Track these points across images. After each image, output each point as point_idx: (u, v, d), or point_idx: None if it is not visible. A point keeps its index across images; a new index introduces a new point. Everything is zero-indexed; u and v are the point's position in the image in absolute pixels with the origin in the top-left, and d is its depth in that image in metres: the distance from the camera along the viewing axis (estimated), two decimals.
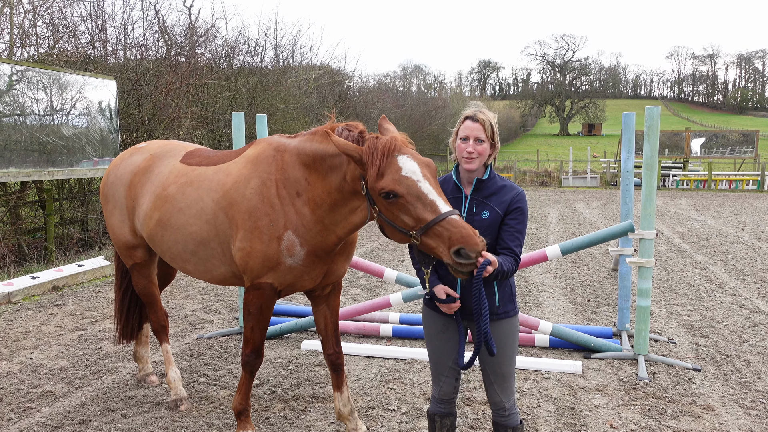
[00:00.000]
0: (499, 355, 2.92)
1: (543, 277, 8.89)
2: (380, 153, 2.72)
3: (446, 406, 3.13)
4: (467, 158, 2.82)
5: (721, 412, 4.28)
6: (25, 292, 7.68)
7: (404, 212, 2.68)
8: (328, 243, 3.31)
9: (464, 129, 2.84)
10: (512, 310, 2.96)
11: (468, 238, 2.50)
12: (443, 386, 3.08)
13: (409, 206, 2.65)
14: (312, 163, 3.24)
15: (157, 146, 4.33)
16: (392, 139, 2.78)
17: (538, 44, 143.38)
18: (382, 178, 2.69)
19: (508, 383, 3.00)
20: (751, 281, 8.50)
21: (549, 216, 16.94)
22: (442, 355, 3.04)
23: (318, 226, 3.26)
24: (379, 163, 2.70)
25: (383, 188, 2.68)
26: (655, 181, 5.10)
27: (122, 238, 4.31)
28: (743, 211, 17.89)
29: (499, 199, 2.86)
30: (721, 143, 31.98)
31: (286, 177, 3.32)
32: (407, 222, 2.68)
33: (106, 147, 10.88)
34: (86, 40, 13.50)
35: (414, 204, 2.64)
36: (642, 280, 5.16)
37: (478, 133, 2.80)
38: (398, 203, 2.68)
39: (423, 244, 2.65)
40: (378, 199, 2.77)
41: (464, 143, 2.83)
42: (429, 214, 2.60)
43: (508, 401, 3.01)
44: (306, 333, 6.07)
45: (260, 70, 18.66)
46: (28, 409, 4.35)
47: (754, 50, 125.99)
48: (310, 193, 3.25)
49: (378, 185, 2.70)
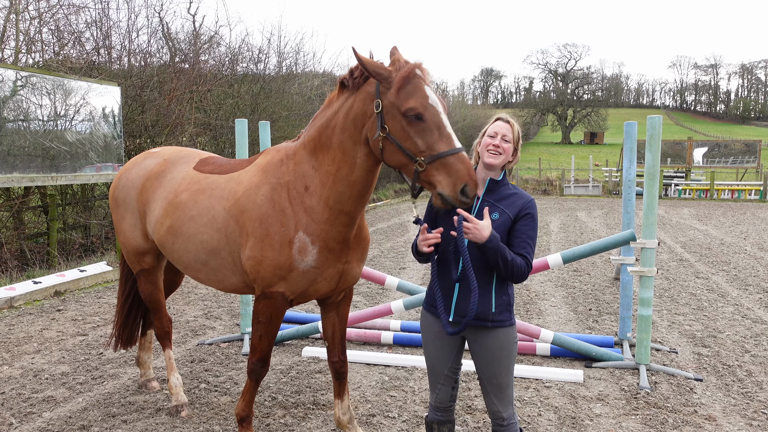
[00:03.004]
0: (495, 366, 2.91)
1: (544, 285, 8.89)
2: (410, 76, 2.79)
3: (443, 414, 3.12)
4: (492, 152, 2.90)
5: (723, 422, 4.27)
6: (27, 297, 7.70)
7: (420, 136, 2.75)
8: (340, 228, 3.26)
9: (494, 127, 2.96)
10: (508, 320, 2.92)
11: (474, 177, 2.65)
12: (439, 394, 3.09)
13: (427, 132, 2.74)
14: (318, 143, 3.25)
15: (171, 152, 4.32)
16: (421, 67, 2.86)
17: (541, 53, 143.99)
18: (410, 97, 2.76)
19: (505, 393, 2.97)
20: (753, 291, 8.48)
21: (551, 224, 16.94)
22: (437, 363, 3.05)
23: (326, 212, 3.23)
24: (409, 85, 2.78)
25: (412, 107, 2.75)
26: (657, 190, 5.11)
27: (133, 243, 4.28)
28: (745, 221, 17.87)
29: (510, 203, 2.89)
30: (724, 153, 31.99)
31: (296, 177, 3.32)
32: (419, 146, 2.75)
33: (110, 153, 10.91)
34: (91, 46, 13.60)
35: (432, 131, 2.74)
36: (643, 290, 5.16)
37: (507, 132, 2.93)
38: (418, 126, 2.76)
39: (426, 172, 2.73)
40: (395, 117, 2.82)
41: (492, 139, 2.93)
42: (444, 145, 2.70)
43: (506, 411, 2.99)
44: (307, 340, 6.07)
45: (263, 77, 18.73)
46: (29, 414, 4.35)
47: (757, 60, 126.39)
48: (317, 178, 3.24)
49: (406, 104, 2.76)
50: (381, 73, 2.85)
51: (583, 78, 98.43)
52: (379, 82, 2.87)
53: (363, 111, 3.00)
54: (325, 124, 3.22)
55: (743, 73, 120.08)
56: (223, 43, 18.36)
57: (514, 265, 2.75)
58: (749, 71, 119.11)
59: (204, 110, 15.24)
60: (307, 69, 22.33)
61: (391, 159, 2.89)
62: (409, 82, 2.79)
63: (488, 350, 2.90)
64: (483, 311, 2.86)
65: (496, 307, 2.88)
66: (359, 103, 3.01)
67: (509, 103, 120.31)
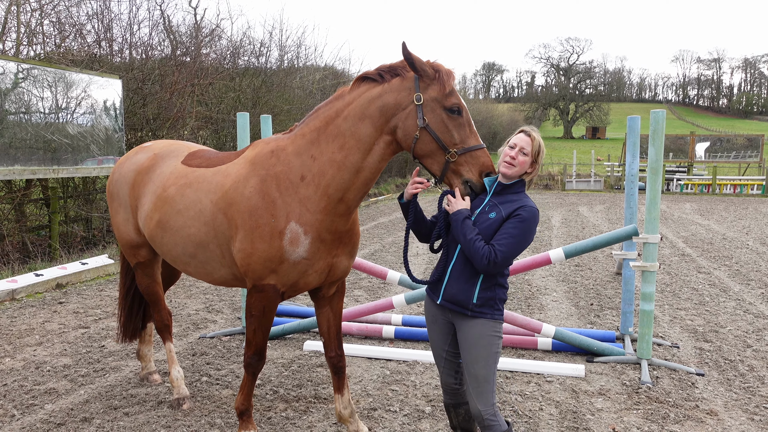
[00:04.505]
0: (472, 354, 2.96)
1: (546, 280, 8.88)
2: (450, 77, 3.09)
3: (452, 396, 3.25)
4: (507, 162, 3.04)
5: (725, 417, 4.26)
6: (29, 290, 7.70)
7: (456, 130, 3.04)
8: (335, 219, 3.30)
9: (515, 138, 3.10)
10: (489, 314, 2.97)
11: (491, 165, 3.06)
12: (442, 375, 3.25)
13: (461, 127, 3.04)
14: (323, 132, 3.27)
15: (162, 146, 4.34)
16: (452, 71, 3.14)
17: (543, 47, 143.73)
18: (452, 95, 3.05)
19: (482, 387, 2.95)
20: (755, 286, 8.47)
21: (552, 219, 16.92)
22: (434, 346, 3.23)
23: (324, 200, 3.25)
24: (451, 85, 3.07)
25: (456, 103, 3.04)
26: (660, 185, 5.09)
27: (126, 237, 4.32)
28: (748, 216, 17.84)
29: (509, 207, 2.97)
30: (726, 147, 31.87)
31: (290, 168, 3.32)
32: (455, 138, 3.03)
33: (111, 146, 10.90)
34: (92, 39, 13.56)
35: (465, 127, 3.05)
36: (645, 284, 5.15)
37: (526, 146, 3.05)
38: (456, 121, 3.04)
39: (456, 162, 3.02)
40: (435, 111, 3.05)
41: (510, 150, 3.07)
42: (473, 140, 3.06)
43: (486, 410, 2.94)
44: (308, 334, 6.08)
45: (265, 70, 18.68)
46: (31, 406, 4.36)
47: (760, 54, 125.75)
48: (316, 167, 3.26)
49: (450, 100, 3.04)
50: (427, 71, 3.07)
51: (586, 72, 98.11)
52: (420, 78, 3.08)
53: (396, 102, 3.12)
54: (335, 113, 3.27)
55: (746, 67, 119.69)
56: (224, 36, 18.33)
57: (473, 247, 2.87)
58: (752, 65, 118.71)
59: (205, 104, 15.21)
60: (308, 63, 22.29)
61: (423, 149, 3.08)
62: (451, 82, 3.09)
63: (467, 337, 2.99)
64: (464, 299, 2.97)
65: (478, 299, 2.95)
66: (392, 94, 3.13)
67: (511, 97, 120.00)
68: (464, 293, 2.96)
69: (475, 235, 2.88)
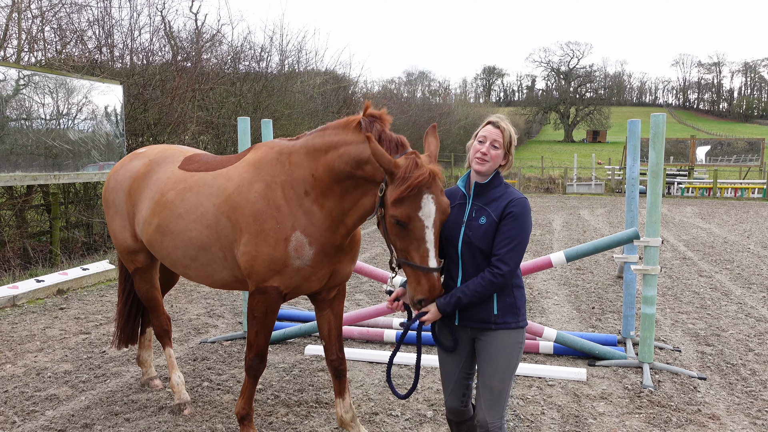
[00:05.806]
0: (491, 365, 2.84)
1: (547, 283, 8.87)
2: (412, 184, 2.73)
3: (456, 415, 3.11)
4: (479, 159, 2.84)
5: (727, 421, 4.25)
6: (30, 296, 7.70)
7: (399, 239, 2.80)
8: (337, 237, 3.33)
9: (484, 131, 2.88)
10: (514, 322, 2.85)
11: (434, 293, 2.76)
12: (448, 399, 3.08)
13: (407, 241, 2.78)
14: (321, 157, 3.25)
15: (156, 151, 4.35)
16: (430, 173, 2.77)
17: (543, 51, 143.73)
18: (400, 206, 2.74)
19: (497, 400, 2.83)
20: (756, 290, 8.45)
21: (553, 223, 16.91)
22: (446, 365, 3.07)
23: (327, 220, 3.28)
24: (406, 192, 2.73)
25: (396, 216, 2.75)
26: (661, 188, 5.09)
27: (123, 243, 4.32)
28: (749, 219, 17.82)
29: (496, 206, 2.84)
30: (727, 151, 31.86)
31: (293, 178, 3.33)
32: (398, 246, 2.83)
33: (112, 151, 10.92)
34: (93, 45, 13.62)
35: (411, 242, 2.76)
36: (647, 288, 5.14)
37: (497, 137, 2.85)
38: (401, 231, 2.78)
39: (401, 267, 2.84)
40: (388, 210, 2.83)
41: (480, 145, 2.86)
42: (417, 258, 2.75)
43: (494, 422, 2.83)
44: (310, 338, 6.07)
45: (266, 75, 18.73)
46: (31, 413, 4.36)
47: (760, 58, 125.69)
48: (318, 189, 3.27)
49: (393, 211, 2.77)
50: (390, 170, 2.81)
51: (586, 76, 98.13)
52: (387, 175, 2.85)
53: (371, 175, 3.04)
54: (335, 145, 3.21)
55: (746, 71, 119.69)
56: (225, 41, 18.39)
57: (480, 292, 2.75)
58: (752, 69, 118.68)
59: (206, 109, 15.24)
60: (309, 67, 22.36)
61: (383, 234, 2.95)
62: (410, 190, 2.72)
63: (488, 348, 2.87)
64: (485, 315, 2.83)
65: (499, 309, 2.84)
66: (370, 166, 3.04)
67: (511, 101, 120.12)
68: (483, 308, 2.83)
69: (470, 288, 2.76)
